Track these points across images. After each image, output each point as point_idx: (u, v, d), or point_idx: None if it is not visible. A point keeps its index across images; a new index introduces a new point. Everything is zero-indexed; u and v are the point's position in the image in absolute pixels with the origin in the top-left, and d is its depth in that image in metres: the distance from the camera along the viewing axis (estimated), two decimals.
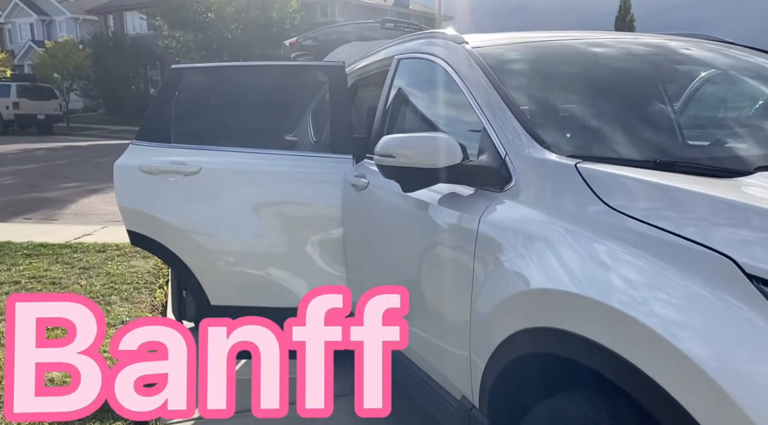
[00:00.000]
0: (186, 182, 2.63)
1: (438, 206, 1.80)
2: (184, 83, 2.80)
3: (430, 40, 2.26)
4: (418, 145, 1.69)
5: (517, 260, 1.40)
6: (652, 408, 1.03)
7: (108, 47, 30.90)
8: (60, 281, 4.98)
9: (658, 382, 0.99)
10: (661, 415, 1.01)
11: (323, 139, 3.08)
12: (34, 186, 10.71)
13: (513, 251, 1.43)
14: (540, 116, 1.73)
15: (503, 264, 1.45)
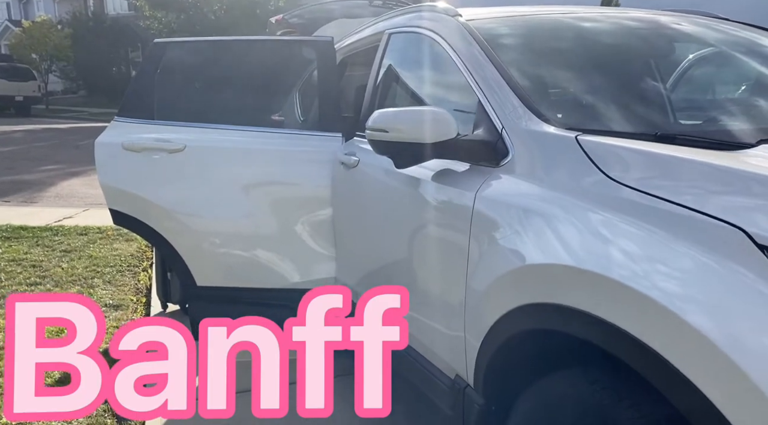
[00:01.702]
0: (170, 160, 2.56)
1: (431, 183, 1.76)
2: (167, 58, 2.71)
3: (422, 13, 2.20)
4: (412, 119, 1.64)
5: (514, 236, 1.36)
6: (657, 382, 1.00)
7: (87, 28, 30.20)
8: (41, 264, 4.88)
9: (664, 356, 0.97)
10: (668, 390, 0.98)
11: (311, 118, 3.01)
12: (12, 168, 10.47)
13: (510, 227, 1.39)
14: (536, 90, 1.69)
15: (500, 240, 1.41)
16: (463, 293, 1.54)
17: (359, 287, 2.41)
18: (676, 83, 2.04)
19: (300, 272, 2.59)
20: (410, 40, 2.30)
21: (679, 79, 2.03)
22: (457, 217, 1.59)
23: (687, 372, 0.93)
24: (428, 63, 2.17)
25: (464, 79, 1.80)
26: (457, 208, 1.60)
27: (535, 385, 1.33)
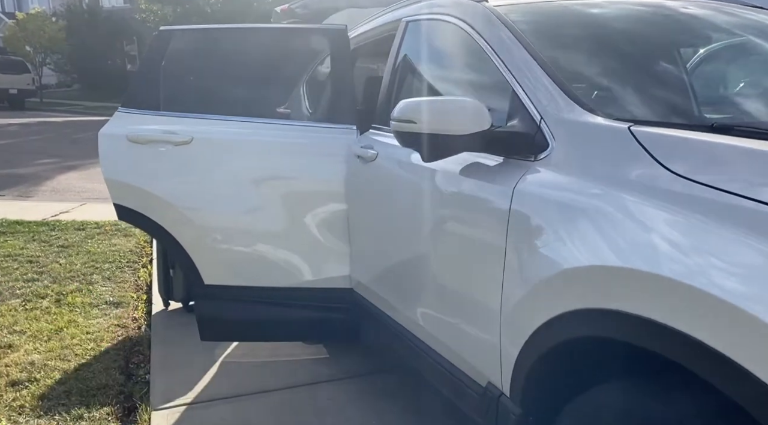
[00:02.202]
0: (177, 153, 2.44)
1: (462, 177, 1.65)
2: (173, 47, 2.59)
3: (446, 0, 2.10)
4: (442, 109, 1.53)
5: (560, 236, 1.26)
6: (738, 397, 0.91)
7: (83, 20, 29.88)
8: (38, 259, 4.77)
9: (746, 367, 0.87)
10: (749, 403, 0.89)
11: (320, 110, 2.90)
12: (7, 162, 10.32)
13: (555, 226, 1.29)
14: (574, 79, 1.58)
15: (542, 240, 1.31)
16: (498, 297, 1.44)
17: (376, 286, 2.31)
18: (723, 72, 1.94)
19: (312, 271, 2.49)
20: (431, 28, 2.19)
21: (726, 68, 1.94)
22: (491, 214, 1.49)
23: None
24: (453, 51, 2.06)
25: (495, 68, 1.70)
26: (492, 204, 1.49)
27: (582, 396, 1.23)
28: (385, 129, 2.33)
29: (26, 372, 2.82)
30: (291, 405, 2.57)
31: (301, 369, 2.90)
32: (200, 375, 2.85)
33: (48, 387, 2.70)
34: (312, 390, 2.70)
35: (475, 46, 1.82)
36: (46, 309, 3.68)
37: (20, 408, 2.52)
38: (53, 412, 2.49)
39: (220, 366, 2.96)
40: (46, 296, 3.91)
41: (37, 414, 2.48)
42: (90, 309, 3.73)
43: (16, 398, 2.59)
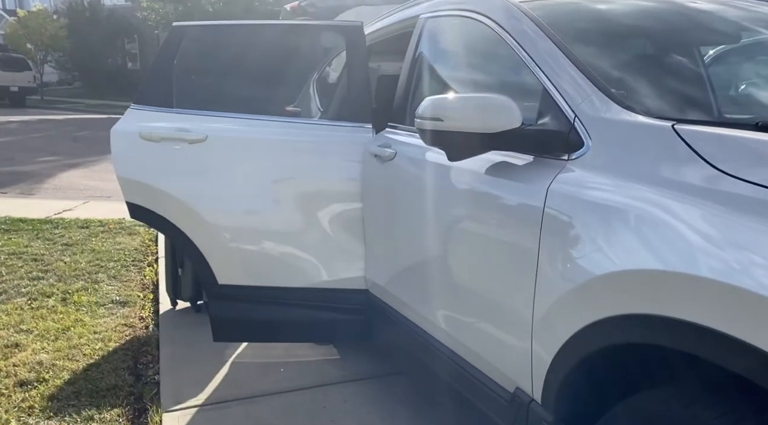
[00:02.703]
0: (191, 151, 2.40)
1: (489, 177, 1.61)
2: (186, 43, 2.55)
3: None
4: (471, 106, 1.50)
5: (599, 238, 1.22)
6: None
7: (84, 18, 29.83)
8: (42, 257, 4.73)
9: None
10: None
11: (335, 108, 2.86)
12: (8, 160, 10.27)
13: (593, 228, 1.25)
14: (607, 75, 1.54)
15: (580, 243, 1.27)
16: (530, 301, 1.40)
17: (393, 287, 2.27)
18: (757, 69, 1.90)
19: (327, 271, 2.45)
20: (452, 25, 2.15)
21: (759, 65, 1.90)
22: (523, 215, 1.45)
23: None
24: (476, 48, 2.02)
25: (523, 65, 1.66)
26: (524, 205, 1.45)
27: (621, 405, 1.19)
28: (402, 127, 2.29)
29: (35, 372, 2.78)
30: (303, 407, 2.53)
31: (311, 370, 2.86)
32: (210, 376, 2.81)
33: (57, 387, 2.66)
34: (323, 392, 2.66)
35: (500, 42, 1.78)
36: (53, 308, 3.63)
37: (30, 409, 2.48)
38: (63, 413, 2.45)
39: (230, 367, 2.92)
40: (52, 295, 3.87)
41: (47, 415, 2.44)
42: (96, 308, 3.69)
43: (25, 398, 2.55)
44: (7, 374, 2.76)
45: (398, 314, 2.25)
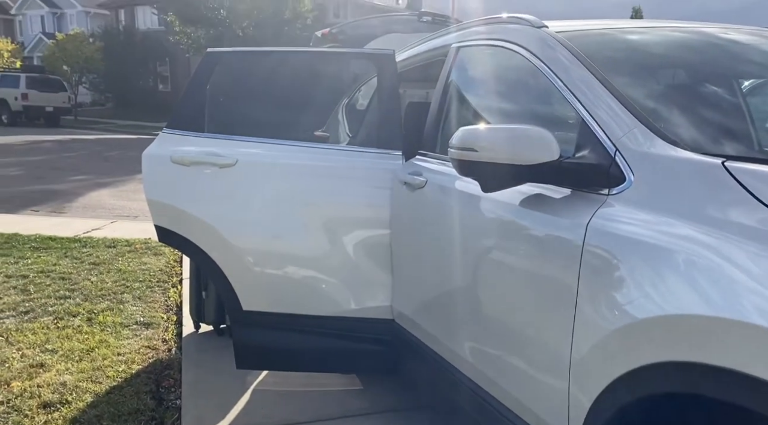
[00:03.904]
0: (221, 175, 2.40)
1: (524, 210, 1.57)
2: (220, 69, 2.58)
3: (502, 25, 2.04)
4: (508, 137, 1.46)
5: (643, 279, 1.17)
6: None
7: (118, 41, 30.78)
8: (70, 276, 4.78)
9: None
10: None
11: (364, 134, 2.86)
12: (41, 178, 10.51)
13: (636, 267, 1.20)
14: (649, 107, 1.50)
15: (622, 283, 1.21)
16: (568, 341, 1.35)
17: (420, 318, 2.22)
18: None
19: (353, 299, 2.41)
20: (486, 54, 2.14)
21: None
22: (561, 251, 1.40)
23: None
24: (510, 78, 2.00)
25: (560, 97, 1.63)
26: (562, 240, 1.41)
27: None
28: (433, 155, 2.27)
29: (58, 394, 2.78)
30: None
31: (333, 401, 2.80)
32: (232, 403, 2.77)
33: (80, 410, 2.65)
34: (345, 424, 2.60)
35: (535, 72, 1.76)
36: (78, 328, 3.65)
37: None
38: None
39: (252, 394, 2.88)
40: (78, 315, 3.89)
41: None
42: (121, 329, 3.70)
43: (48, 421, 2.54)
44: (31, 395, 2.76)
45: (425, 346, 2.19)
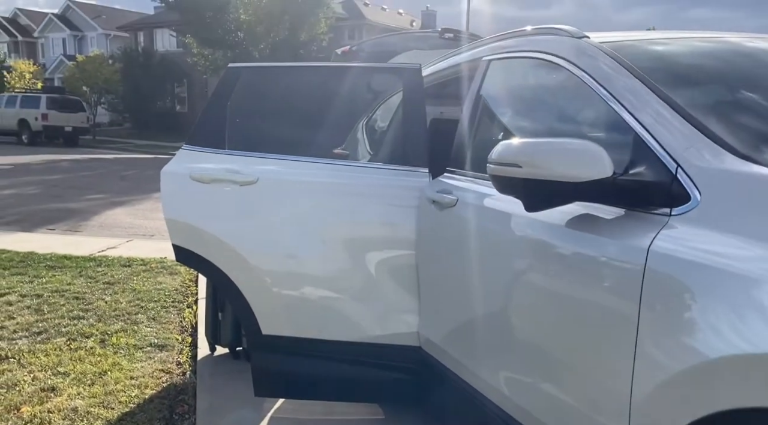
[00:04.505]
0: (241, 193, 2.31)
1: (572, 231, 1.45)
2: (241, 84, 2.50)
3: (539, 36, 1.94)
4: (556, 152, 1.35)
5: (719, 311, 1.04)
6: None
7: (137, 63, 31.28)
8: (84, 296, 4.70)
9: None
10: None
11: (388, 151, 2.76)
12: (58, 197, 10.55)
13: (711, 298, 1.07)
14: (713, 120, 1.38)
15: (694, 316, 1.08)
16: (627, 379, 1.21)
17: (449, 346, 2.09)
18: None
19: (378, 325, 2.29)
20: (521, 67, 2.04)
21: None
22: (618, 278, 1.28)
23: None
24: (549, 90, 1.90)
25: (606, 109, 1.52)
26: (619, 266, 1.28)
27: None
28: (462, 173, 2.16)
29: (68, 420, 2.67)
30: None
31: None
32: None
33: None
34: None
35: (579, 85, 1.65)
36: (91, 350, 3.55)
37: None
38: None
39: (269, 423, 2.75)
40: (91, 336, 3.80)
41: None
42: (134, 351, 3.59)
43: None
44: (41, 421, 2.65)
45: (454, 376, 2.06)
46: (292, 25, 24.36)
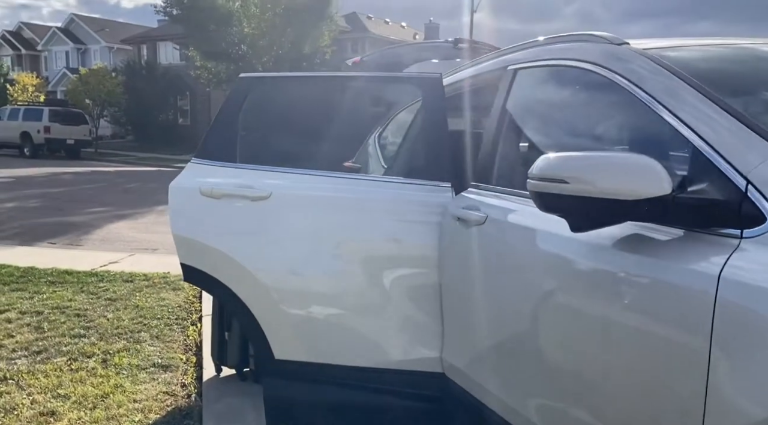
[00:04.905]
0: (253, 209, 2.19)
1: (623, 253, 1.32)
2: (252, 95, 2.39)
3: (573, 44, 1.83)
4: (610, 167, 1.23)
5: None
6: None
7: (140, 76, 31.33)
8: (85, 313, 4.56)
9: None
10: None
11: (406, 165, 2.64)
12: (59, 210, 10.43)
13: None
14: None
15: None
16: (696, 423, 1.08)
17: (477, 373, 1.96)
18: None
19: (400, 349, 2.15)
20: (554, 76, 1.92)
21: None
22: (683, 308, 1.15)
23: None
24: (587, 100, 1.78)
25: (658, 120, 1.40)
26: (684, 294, 1.15)
27: None
28: (487, 188, 2.04)
29: None
30: None
31: None
32: None
33: None
34: None
35: (622, 94, 1.53)
36: (92, 371, 3.41)
37: None
38: None
39: None
40: (93, 355, 3.66)
41: None
42: (137, 372, 3.45)
43: None
44: None
45: (481, 405, 1.92)
46: (296, 38, 24.39)
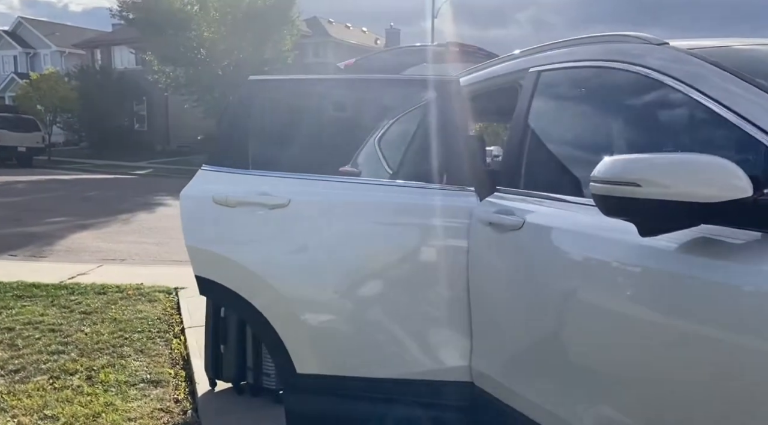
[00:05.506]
0: (272, 217, 2.09)
1: (702, 259, 1.28)
2: (263, 98, 2.29)
3: (607, 44, 1.81)
4: (688, 169, 1.20)
5: None
6: None
7: (95, 81, 30.34)
8: (60, 327, 4.33)
9: None
10: None
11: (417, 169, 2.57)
12: (17, 220, 9.96)
13: None
14: None
15: None
16: None
17: (511, 381, 1.91)
18: None
19: (427, 359, 2.09)
20: (584, 77, 1.89)
21: None
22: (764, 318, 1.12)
23: None
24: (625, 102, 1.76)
25: (716, 120, 1.38)
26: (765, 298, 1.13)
27: None
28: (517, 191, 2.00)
29: None
30: None
31: None
32: None
33: None
34: None
35: (671, 95, 1.51)
36: (78, 389, 3.23)
37: None
38: None
39: None
40: (76, 373, 3.47)
41: None
42: (127, 389, 3.28)
43: None
44: None
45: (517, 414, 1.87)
46: (257, 43, 24.04)
